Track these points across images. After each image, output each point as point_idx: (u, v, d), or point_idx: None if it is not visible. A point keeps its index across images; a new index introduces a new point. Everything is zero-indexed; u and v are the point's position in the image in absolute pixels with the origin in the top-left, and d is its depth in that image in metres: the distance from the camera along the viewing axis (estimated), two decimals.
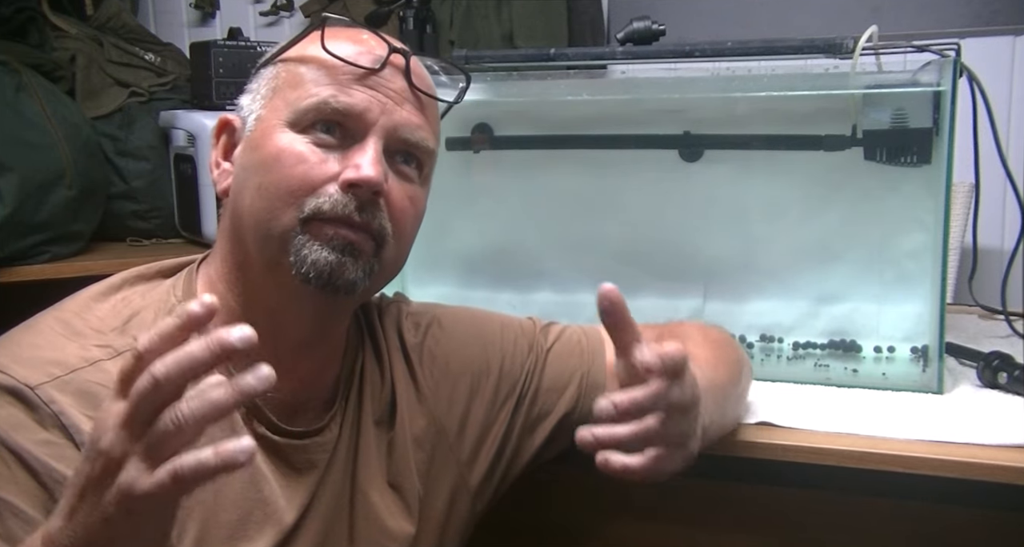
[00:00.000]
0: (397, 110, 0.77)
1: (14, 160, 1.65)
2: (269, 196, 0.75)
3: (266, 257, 0.76)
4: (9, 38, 1.94)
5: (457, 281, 1.28)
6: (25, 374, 0.70)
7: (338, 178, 0.75)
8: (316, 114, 0.75)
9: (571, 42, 2.15)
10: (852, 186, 1.11)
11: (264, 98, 0.79)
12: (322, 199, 0.74)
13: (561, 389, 0.93)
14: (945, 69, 1.03)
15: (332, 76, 0.76)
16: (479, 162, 1.26)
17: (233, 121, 0.81)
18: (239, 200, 0.78)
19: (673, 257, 1.20)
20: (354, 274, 0.76)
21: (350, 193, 0.74)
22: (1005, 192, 1.28)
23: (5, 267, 1.63)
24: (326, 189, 0.75)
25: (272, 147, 0.76)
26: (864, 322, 1.13)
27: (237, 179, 0.79)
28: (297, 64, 0.78)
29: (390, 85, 0.77)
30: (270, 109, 0.78)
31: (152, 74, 2.06)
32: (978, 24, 2.01)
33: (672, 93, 1.21)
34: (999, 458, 0.88)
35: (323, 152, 0.75)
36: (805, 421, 0.97)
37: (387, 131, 0.77)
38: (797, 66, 1.17)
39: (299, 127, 0.76)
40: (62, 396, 0.70)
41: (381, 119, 0.76)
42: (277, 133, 0.76)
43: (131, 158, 1.95)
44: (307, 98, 0.76)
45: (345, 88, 0.76)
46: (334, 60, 0.76)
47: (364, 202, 0.75)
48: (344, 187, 0.74)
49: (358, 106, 0.76)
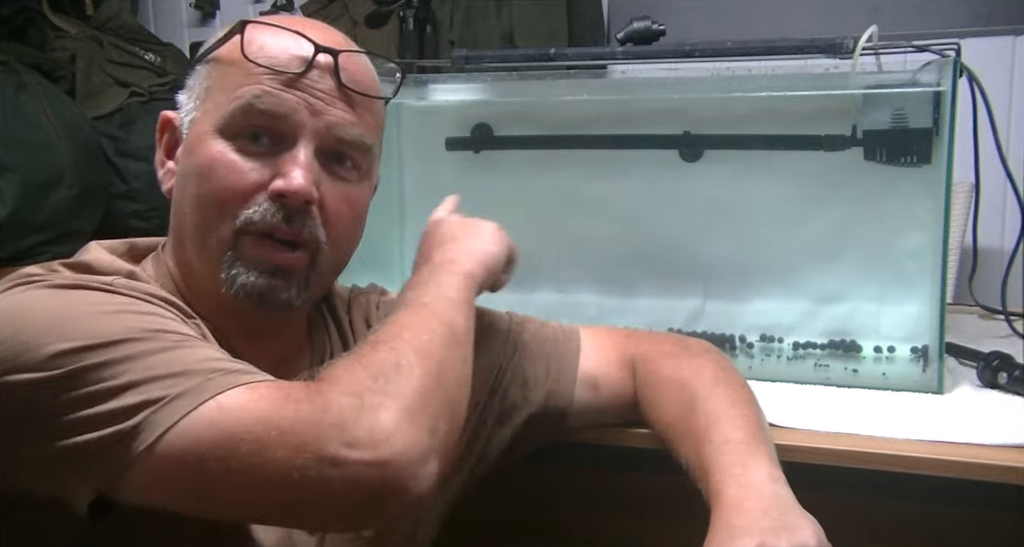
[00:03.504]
0: (328, 110, 0.76)
1: (14, 160, 1.65)
2: (204, 208, 0.75)
3: (204, 267, 0.77)
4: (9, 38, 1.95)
5: None
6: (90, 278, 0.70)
7: (267, 187, 0.74)
8: (243, 118, 0.75)
9: (571, 42, 2.15)
10: (852, 186, 1.11)
11: (198, 98, 0.78)
12: (252, 209, 0.74)
13: (532, 386, 0.94)
14: (945, 69, 1.03)
15: (257, 79, 0.75)
16: (479, 162, 1.26)
17: (173, 119, 0.81)
18: (180, 205, 0.78)
19: (673, 257, 1.20)
20: (287, 294, 0.76)
21: (279, 202, 0.74)
22: (1005, 192, 1.28)
23: (5, 267, 1.63)
24: (256, 198, 0.74)
25: (204, 155, 0.75)
26: (864, 322, 1.13)
27: (178, 182, 0.79)
28: (227, 65, 0.77)
29: (318, 85, 0.76)
30: (202, 112, 0.77)
31: (152, 74, 2.07)
32: (978, 24, 2.01)
33: (672, 93, 1.21)
34: (999, 458, 0.88)
35: (253, 160, 0.75)
36: (805, 421, 0.97)
37: (318, 133, 0.76)
38: (797, 66, 1.17)
39: (228, 132, 0.75)
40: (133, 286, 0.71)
41: (310, 121, 0.75)
42: (209, 140, 0.75)
43: (131, 158, 1.95)
44: (233, 102, 0.75)
45: (270, 91, 0.75)
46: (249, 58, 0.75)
47: (294, 211, 0.74)
48: (273, 196, 0.74)
49: (283, 108, 0.74)
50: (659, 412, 0.91)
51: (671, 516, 0.75)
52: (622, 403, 0.96)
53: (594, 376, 0.96)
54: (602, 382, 0.96)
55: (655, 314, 1.19)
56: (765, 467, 0.77)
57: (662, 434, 0.90)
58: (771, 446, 0.82)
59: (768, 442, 0.82)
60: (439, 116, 1.26)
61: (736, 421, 0.83)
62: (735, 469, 0.77)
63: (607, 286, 1.22)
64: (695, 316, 1.19)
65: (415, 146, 1.26)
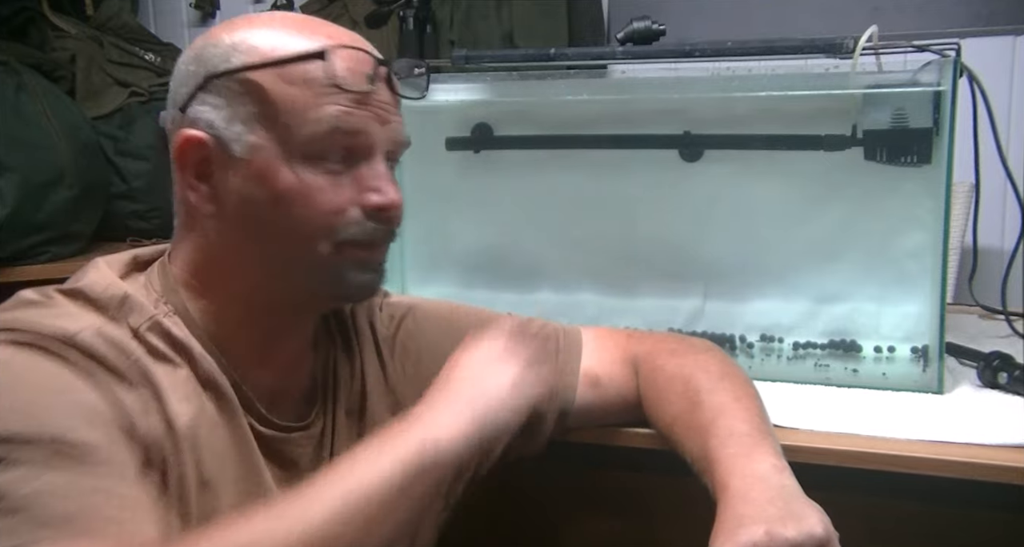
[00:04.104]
0: (391, 119, 0.79)
1: (14, 160, 1.65)
2: (296, 232, 0.76)
3: (307, 287, 0.79)
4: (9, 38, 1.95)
5: (457, 281, 1.28)
6: (64, 325, 0.70)
7: (358, 201, 0.77)
8: (329, 142, 0.76)
9: (571, 42, 2.15)
10: (852, 186, 1.11)
11: (247, 121, 0.75)
12: (350, 226, 0.77)
13: None
14: (945, 69, 1.03)
15: (334, 99, 0.75)
16: (479, 162, 1.26)
17: (204, 139, 0.76)
18: (245, 231, 0.77)
19: (673, 257, 1.20)
20: (380, 284, 0.83)
21: (374, 216, 0.78)
22: (1005, 192, 1.28)
23: (5, 267, 1.64)
24: (348, 214, 0.77)
25: (287, 182, 0.75)
26: (864, 322, 1.13)
27: (239, 209, 0.77)
28: (287, 86, 0.75)
29: (380, 97, 0.78)
30: (267, 138, 0.75)
31: (152, 74, 2.07)
32: (978, 24, 2.01)
33: (672, 93, 1.21)
34: (999, 458, 0.88)
35: (337, 177, 0.77)
36: (805, 421, 0.97)
37: (387, 143, 0.79)
38: (797, 66, 1.17)
39: (312, 156, 0.76)
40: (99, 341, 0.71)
41: (380, 132, 0.78)
42: (287, 166, 0.75)
43: (131, 158, 1.95)
44: (312, 124, 0.75)
45: (349, 110, 0.76)
46: (326, 80, 0.75)
47: (391, 222, 0.79)
48: (370, 211, 0.77)
49: (362, 125, 0.77)
50: (663, 409, 0.91)
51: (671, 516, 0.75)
52: (624, 402, 0.96)
53: (597, 374, 0.96)
54: (605, 380, 0.96)
55: (655, 314, 1.19)
56: (770, 458, 0.77)
57: (666, 431, 0.90)
58: (775, 439, 0.82)
59: (772, 435, 0.82)
60: (439, 116, 1.26)
61: (741, 414, 0.83)
62: (740, 460, 0.77)
63: (607, 286, 1.23)
64: (695, 316, 1.19)
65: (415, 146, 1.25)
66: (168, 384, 0.73)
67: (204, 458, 0.74)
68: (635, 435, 0.96)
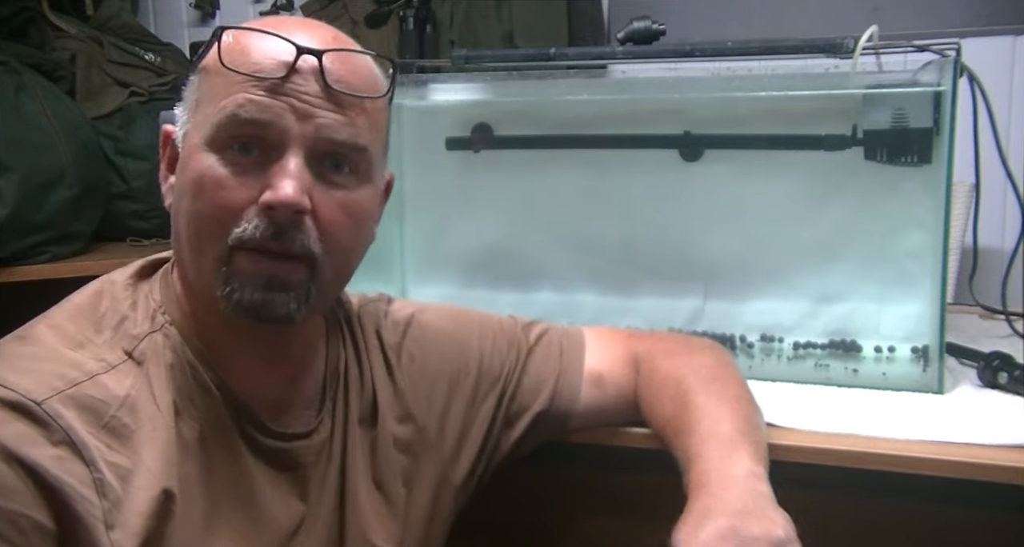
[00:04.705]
0: (316, 114, 0.72)
1: (14, 160, 1.65)
2: (196, 225, 0.72)
3: (202, 287, 0.74)
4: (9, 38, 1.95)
5: (457, 281, 1.28)
6: (29, 388, 0.67)
7: (258, 200, 0.70)
8: (228, 130, 0.71)
9: (571, 42, 2.15)
10: (852, 186, 1.11)
11: (190, 111, 0.75)
12: (243, 226, 0.70)
13: (538, 388, 0.95)
14: (945, 69, 1.03)
15: (241, 87, 0.71)
16: (479, 162, 1.26)
17: (172, 133, 0.77)
18: (176, 222, 0.75)
19: (673, 257, 1.20)
20: (286, 308, 0.72)
21: (268, 216, 0.70)
22: (1005, 192, 1.28)
23: (5, 267, 1.63)
24: (247, 214, 0.71)
25: (195, 171, 0.72)
26: (864, 322, 1.13)
27: (175, 199, 0.76)
28: (212, 75, 0.74)
29: (303, 89, 0.71)
30: (193, 125, 0.74)
31: (152, 74, 2.07)
32: (978, 24, 2.01)
33: (672, 93, 1.21)
34: (999, 458, 0.88)
35: (243, 173, 0.71)
36: (805, 421, 0.97)
37: (307, 138, 0.71)
38: (797, 66, 1.17)
39: (216, 145, 0.72)
40: (67, 411, 0.67)
41: (298, 127, 0.71)
42: (199, 154, 0.72)
43: (131, 158, 1.95)
44: (218, 113, 0.71)
45: (254, 99, 0.71)
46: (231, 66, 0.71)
47: (284, 225, 0.70)
48: (263, 210, 0.70)
49: (267, 116, 0.70)
50: (657, 410, 0.91)
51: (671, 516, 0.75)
52: (626, 401, 0.96)
53: (599, 373, 0.96)
54: (607, 379, 0.96)
55: (655, 314, 1.19)
56: (747, 463, 0.77)
57: (660, 432, 0.90)
58: (759, 444, 0.82)
59: (756, 440, 0.82)
60: (439, 116, 1.26)
61: (725, 416, 0.84)
62: (716, 462, 0.78)
63: (607, 286, 1.23)
64: (695, 316, 1.19)
65: (415, 146, 1.26)
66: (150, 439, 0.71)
67: (202, 503, 0.73)
68: (635, 435, 0.96)
